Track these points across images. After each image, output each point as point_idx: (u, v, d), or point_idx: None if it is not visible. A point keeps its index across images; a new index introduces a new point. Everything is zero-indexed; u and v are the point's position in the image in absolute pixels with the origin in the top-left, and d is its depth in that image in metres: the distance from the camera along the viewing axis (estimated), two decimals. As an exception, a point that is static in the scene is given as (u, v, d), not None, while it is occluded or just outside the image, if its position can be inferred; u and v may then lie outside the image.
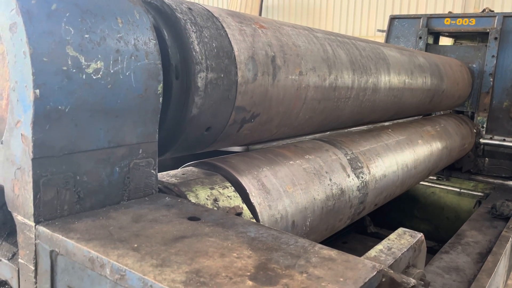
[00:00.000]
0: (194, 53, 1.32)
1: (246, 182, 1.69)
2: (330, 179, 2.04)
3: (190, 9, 1.41)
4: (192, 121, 1.36)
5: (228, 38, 1.48)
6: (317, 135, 2.38)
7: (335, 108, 2.09)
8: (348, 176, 2.17)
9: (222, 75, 1.39)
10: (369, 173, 2.34)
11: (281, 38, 1.74)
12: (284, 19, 17.38)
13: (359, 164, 2.29)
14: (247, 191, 1.67)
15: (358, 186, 2.21)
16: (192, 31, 1.35)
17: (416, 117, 3.46)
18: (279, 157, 1.95)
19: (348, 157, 2.24)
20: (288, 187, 1.83)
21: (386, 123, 3.10)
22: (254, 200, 1.67)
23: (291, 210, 1.80)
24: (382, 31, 5.61)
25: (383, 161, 2.53)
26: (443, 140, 3.60)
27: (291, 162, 1.95)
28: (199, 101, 1.33)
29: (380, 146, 2.61)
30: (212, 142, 1.56)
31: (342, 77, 2.08)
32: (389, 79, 2.56)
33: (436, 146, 3.41)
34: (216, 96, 1.39)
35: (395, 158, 2.69)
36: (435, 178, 4.61)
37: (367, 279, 0.91)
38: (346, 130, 2.61)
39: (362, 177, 2.26)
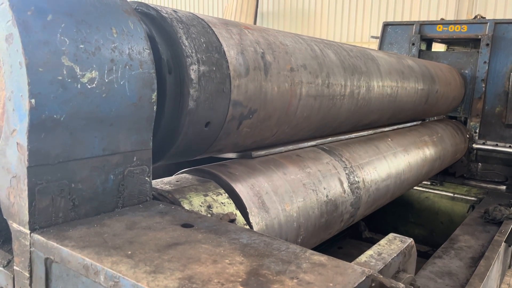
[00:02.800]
0: (183, 47, 1.35)
1: (240, 188, 1.71)
2: (327, 196, 2.07)
3: (175, 11, 1.47)
4: (190, 115, 1.36)
5: (216, 35, 1.52)
6: (318, 141, 2.38)
7: (331, 106, 2.11)
8: (344, 191, 2.20)
9: (214, 68, 1.41)
10: (364, 187, 2.37)
11: (267, 37, 1.78)
12: (279, 26, 17.47)
13: (356, 179, 2.31)
14: (241, 198, 1.69)
15: (351, 202, 2.25)
16: (179, 27, 1.39)
17: (412, 123, 3.49)
18: (276, 166, 1.97)
19: (346, 171, 2.27)
20: (286, 205, 1.85)
21: (386, 129, 3.09)
22: (248, 206, 1.69)
23: (284, 220, 1.82)
24: (376, 37, 5.66)
25: (379, 174, 2.57)
26: (437, 147, 3.63)
27: (287, 172, 1.97)
28: (194, 94, 1.35)
29: (378, 158, 2.64)
30: (213, 140, 1.54)
31: (333, 74, 2.11)
32: (381, 78, 2.60)
33: (430, 153, 3.45)
34: (211, 89, 1.40)
35: (390, 170, 2.73)
36: (429, 183, 4.64)
37: (356, 284, 0.93)
38: (347, 136, 2.59)
39: (357, 192, 2.29)
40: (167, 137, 1.41)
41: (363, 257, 1.26)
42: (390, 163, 2.76)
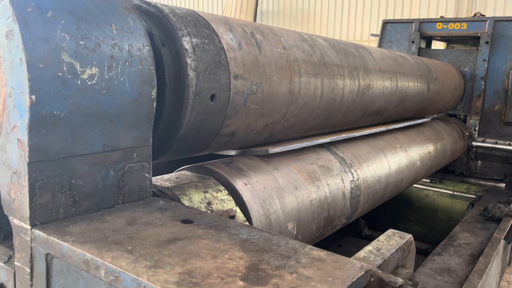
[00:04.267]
0: (172, 22, 1.38)
1: (240, 185, 1.72)
2: (328, 193, 2.08)
3: None
4: (192, 85, 1.36)
5: (202, 16, 1.55)
6: (325, 139, 2.34)
7: (334, 85, 2.11)
8: (344, 205, 2.22)
9: (206, 41, 1.44)
10: (364, 184, 2.39)
11: (253, 24, 1.82)
12: (278, 24, 17.46)
13: (358, 193, 2.33)
14: (241, 195, 1.70)
15: (347, 215, 2.27)
16: (164, 7, 1.44)
17: (412, 122, 3.48)
18: (277, 163, 1.97)
19: (352, 185, 2.29)
20: (286, 202, 1.86)
21: (386, 127, 3.06)
22: (247, 203, 1.69)
23: (284, 217, 1.83)
24: (376, 35, 5.66)
25: (379, 172, 2.58)
26: (436, 145, 3.64)
27: (288, 170, 1.97)
28: (192, 63, 1.36)
29: (378, 156, 2.65)
30: (223, 117, 1.52)
31: (327, 55, 2.12)
32: (375, 63, 2.61)
33: (429, 151, 3.45)
34: (208, 60, 1.42)
35: (390, 168, 2.73)
36: (428, 181, 4.65)
37: (355, 279, 0.94)
38: (352, 135, 2.55)
39: (354, 206, 2.32)
40: (176, 113, 1.39)
41: (362, 253, 1.27)
42: (390, 161, 2.76)
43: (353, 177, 2.32)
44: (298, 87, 1.85)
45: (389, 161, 2.75)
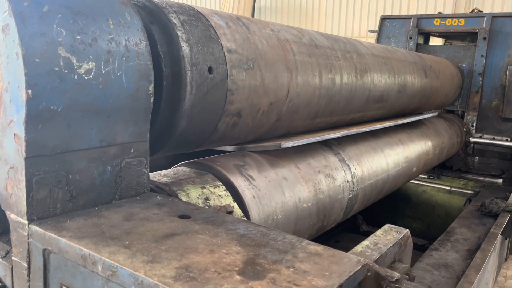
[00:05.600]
0: (156, 3, 1.40)
1: (237, 181, 1.72)
2: (325, 190, 2.09)
3: None
4: (187, 56, 1.37)
5: (186, 3, 1.58)
6: (333, 135, 2.31)
7: (330, 66, 2.10)
8: (342, 200, 2.23)
9: (193, 19, 1.45)
10: (360, 195, 2.40)
11: (238, 15, 1.82)
12: (276, 20, 17.41)
13: (356, 189, 2.35)
14: (238, 190, 1.70)
15: (344, 211, 2.30)
16: None
17: (410, 119, 3.49)
18: (274, 158, 1.97)
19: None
20: (284, 198, 1.86)
21: (384, 124, 3.04)
22: (245, 199, 1.69)
23: (281, 213, 1.83)
24: (374, 31, 5.65)
25: (377, 168, 2.59)
26: (434, 141, 3.64)
27: (285, 165, 1.97)
28: (183, 36, 1.37)
29: (376, 152, 2.66)
30: (225, 91, 1.52)
31: (316, 39, 2.13)
32: (367, 49, 2.60)
33: (427, 147, 3.45)
34: (198, 33, 1.43)
35: (388, 164, 2.74)
36: (426, 176, 4.66)
37: (352, 273, 0.94)
38: (354, 131, 2.50)
39: (352, 202, 2.34)
40: (177, 86, 1.38)
41: (359, 247, 1.27)
42: (388, 157, 2.77)
43: (351, 173, 2.33)
44: (295, 65, 1.85)
45: (387, 157, 2.76)
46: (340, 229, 4.57)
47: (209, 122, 1.52)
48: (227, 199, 1.63)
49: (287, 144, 1.89)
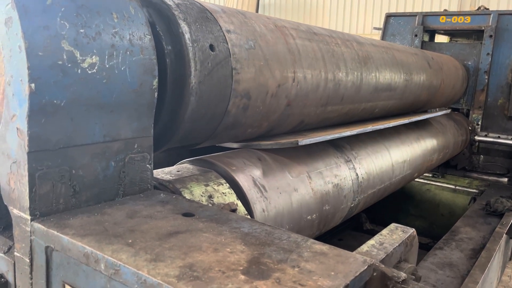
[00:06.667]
0: None
1: (241, 179, 1.70)
2: (330, 187, 2.07)
3: None
4: (186, 33, 1.37)
5: None
6: (345, 133, 2.26)
7: (332, 51, 2.08)
8: (346, 199, 2.22)
9: (187, 3, 1.46)
10: (364, 193, 2.38)
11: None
12: (281, 18, 17.34)
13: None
14: (242, 188, 1.68)
15: (348, 210, 2.27)
16: None
17: (416, 118, 3.46)
18: (279, 156, 1.95)
19: (352, 205, 2.29)
20: (288, 196, 1.84)
21: (390, 123, 3.01)
22: (249, 197, 1.68)
23: (286, 211, 1.82)
24: (378, 29, 5.62)
25: (383, 179, 2.57)
26: (439, 139, 3.61)
27: (289, 163, 1.95)
28: (180, 15, 1.38)
29: (381, 150, 2.63)
30: (230, 69, 1.51)
31: (313, 28, 2.12)
32: (365, 40, 2.58)
33: (432, 145, 3.42)
34: (195, 14, 1.43)
35: (393, 175, 2.72)
36: (430, 175, 4.63)
37: (358, 273, 0.93)
38: (360, 130, 2.42)
39: (356, 200, 2.32)
40: (180, 63, 1.37)
41: (364, 247, 1.26)
42: (395, 165, 2.74)
43: (358, 182, 2.30)
44: (296, 48, 1.83)
45: (394, 165, 2.73)
46: (343, 227, 4.55)
47: (218, 102, 1.49)
48: (231, 197, 1.62)
49: (305, 141, 1.86)
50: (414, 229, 1.37)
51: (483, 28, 4.57)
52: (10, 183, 1.06)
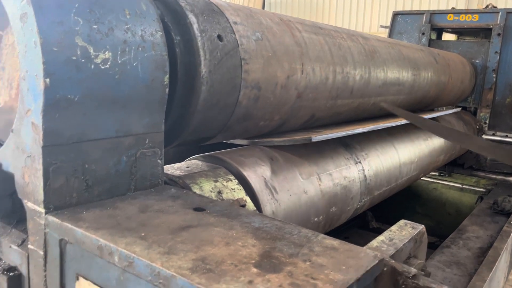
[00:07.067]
0: None
1: (250, 175, 1.71)
2: (338, 185, 2.07)
3: None
4: (194, 22, 1.39)
5: None
6: (358, 130, 2.27)
7: (339, 44, 2.08)
8: (353, 197, 2.22)
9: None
10: (371, 191, 2.38)
11: None
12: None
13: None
14: (251, 184, 1.69)
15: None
16: None
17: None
18: (287, 152, 1.95)
19: (358, 206, 2.29)
20: (296, 193, 1.84)
21: (398, 121, 3.00)
22: (257, 193, 1.69)
23: (293, 208, 1.82)
24: (385, 27, 5.59)
25: (390, 177, 2.57)
26: (449, 143, 3.59)
27: (298, 160, 1.95)
28: (187, 6, 1.40)
29: (389, 148, 2.63)
30: (239, 59, 1.52)
31: (318, 24, 2.13)
32: (370, 36, 2.58)
33: (439, 144, 3.41)
34: (201, 7, 1.45)
35: (400, 174, 2.72)
36: (437, 174, 4.62)
37: (369, 268, 0.93)
38: (369, 128, 2.42)
39: (363, 198, 2.32)
40: (190, 52, 1.38)
41: (374, 242, 1.26)
42: (402, 166, 2.73)
43: (366, 184, 2.30)
44: (303, 41, 1.84)
45: (402, 167, 2.72)
46: (349, 225, 4.55)
47: (229, 92, 1.50)
48: (240, 193, 1.63)
49: (318, 137, 1.85)
50: (423, 226, 1.37)
51: (491, 26, 4.55)
52: (24, 177, 1.07)
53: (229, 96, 1.51)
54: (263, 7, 17.28)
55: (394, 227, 1.34)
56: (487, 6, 5.03)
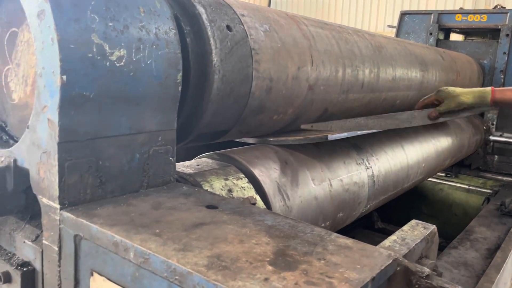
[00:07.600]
0: None
1: (260, 174, 1.71)
2: (346, 185, 2.07)
3: None
4: (203, 13, 1.41)
5: None
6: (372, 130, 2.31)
7: (345, 39, 2.09)
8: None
9: None
10: (367, 211, 2.38)
11: None
12: (292, 14, 17.30)
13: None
14: (261, 183, 1.69)
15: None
16: None
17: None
18: (296, 152, 1.95)
19: (363, 211, 2.29)
20: (306, 192, 1.84)
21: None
22: (267, 191, 1.69)
23: (303, 207, 1.82)
24: (392, 27, 5.57)
25: (396, 165, 2.56)
26: (453, 138, 3.58)
27: (306, 160, 1.94)
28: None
29: (397, 149, 2.62)
30: (249, 49, 1.53)
31: (322, 20, 2.14)
32: (375, 33, 2.58)
33: (446, 144, 3.39)
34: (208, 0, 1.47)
35: (407, 175, 2.71)
36: (443, 175, 4.59)
37: (383, 267, 0.93)
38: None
39: (375, 183, 2.31)
40: (201, 42, 1.39)
41: (386, 242, 1.26)
42: (410, 170, 2.72)
43: (374, 189, 2.29)
44: (310, 34, 1.85)
45: (409, 170, 2.71)
46: (355, 225, 4.54)
47: (242, 82, 1.51)
48: (250, 191, 1.63)
49: (334, 136, 1.85)
50: (435, 226, 1.37)
51: (499, 26, 4.52)
52: (40, 173, 1.08)
53: (242, 86, 1.51)
54: (269, 5, 17.28)
55: (406, 227, 1.34)
56: (495, 6, 5.00)
